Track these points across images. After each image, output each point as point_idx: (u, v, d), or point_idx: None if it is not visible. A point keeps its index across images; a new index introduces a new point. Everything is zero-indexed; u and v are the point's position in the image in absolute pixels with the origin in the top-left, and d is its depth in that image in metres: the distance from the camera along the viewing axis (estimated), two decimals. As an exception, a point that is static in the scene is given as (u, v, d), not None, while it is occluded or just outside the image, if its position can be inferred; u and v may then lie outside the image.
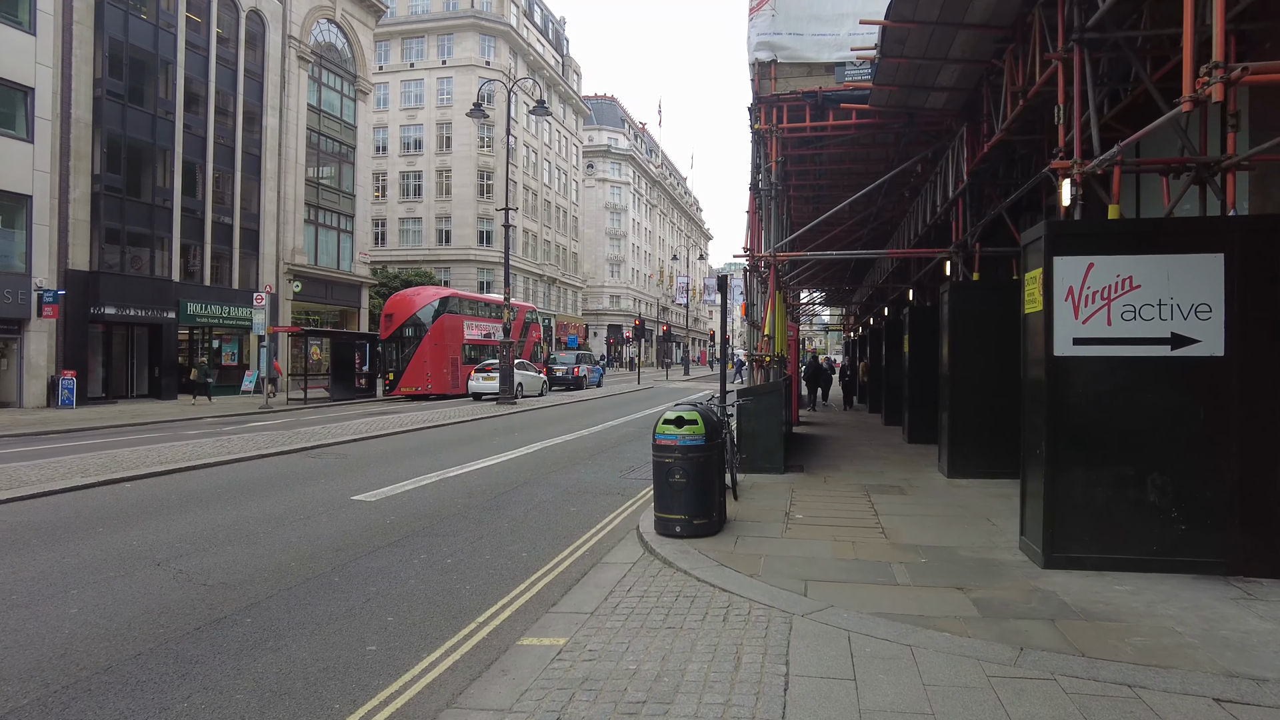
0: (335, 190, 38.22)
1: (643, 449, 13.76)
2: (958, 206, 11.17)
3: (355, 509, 8.43)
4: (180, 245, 28.90)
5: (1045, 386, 5.99)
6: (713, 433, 7.03)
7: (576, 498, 9.33)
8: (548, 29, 68.48)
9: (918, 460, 12.36)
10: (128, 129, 26.64)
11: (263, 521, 7.75)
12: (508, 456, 12.73)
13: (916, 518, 7.95)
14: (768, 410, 10.70)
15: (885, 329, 18.63)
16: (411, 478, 10.42)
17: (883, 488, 9.77)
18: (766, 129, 11.22)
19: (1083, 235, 5.99)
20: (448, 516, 8.10)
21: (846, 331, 45.77)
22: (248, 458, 11.86)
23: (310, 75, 36.06)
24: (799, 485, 9.89)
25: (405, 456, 12.58)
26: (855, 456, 12.80)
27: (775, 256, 11.22)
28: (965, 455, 10.52)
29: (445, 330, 30.06)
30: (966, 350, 10.44)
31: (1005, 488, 9.61)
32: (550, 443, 14.78)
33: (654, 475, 7.07)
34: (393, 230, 57.43)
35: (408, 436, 15.47)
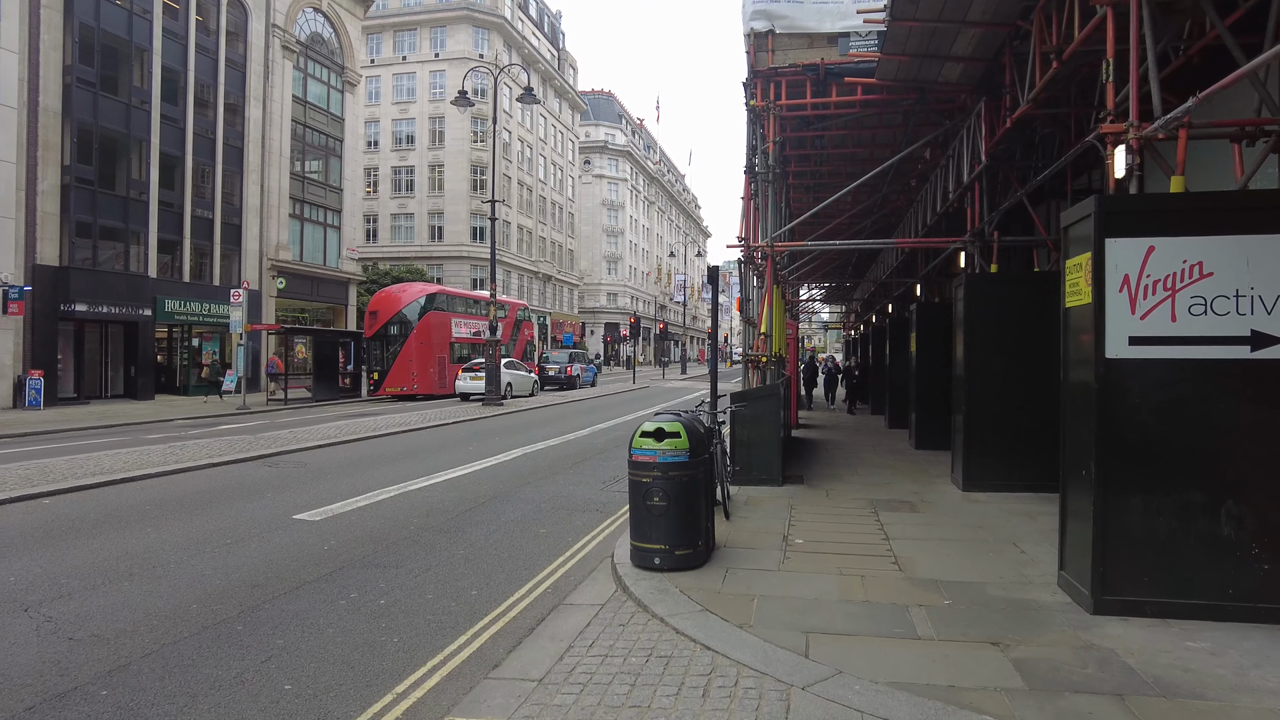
0: (322, 184, 37.17)
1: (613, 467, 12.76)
2: (973, 192, 10.15)
3: (293, 531, 7.40)
4: (157, 240, 27.85)
5: (1094, 395, 4.97)
6: (698, 447, 6.02)
7: (550, 515, 8.31)
8: (543, 22, 67.37)
9: (928, 470, 11.34)
10: (100, 118, 25.58)
11: (180, 548, 6.72)
12: (482, 465, 11.71)
13: (933, 542, 6.93)
14: (765, 416, 9.69)
15: (889, 327, 17.62)
16: (368, 492, 9.40)
17: (892, 503, 8.76)
18: (764, 106, 10.19)
19: (1141, 213, 4.96)
20: (396, 541, 7.08)
21: (847, 330, 44.75)
22: (195, 467, 10.84)
23: (295, 66, 35.00)
24: (799, 500, 8.87)
25: (370, 465, 11.56)
26: (859, 465, 11.79)
27: (773, 247, 10.20)
28: (982, 467, 9.51)
29: (432, 328, 29.02)
30: (984, 350, 9.42)
31: (1028, 504, 8.62)
32: (532, 448, 13.76)
33: (630, 497, 6.05)
34: (384, 226, 56.35)
35: (379, 442, 14.45)
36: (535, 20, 64.94)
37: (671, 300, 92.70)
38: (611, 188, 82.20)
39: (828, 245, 11.84)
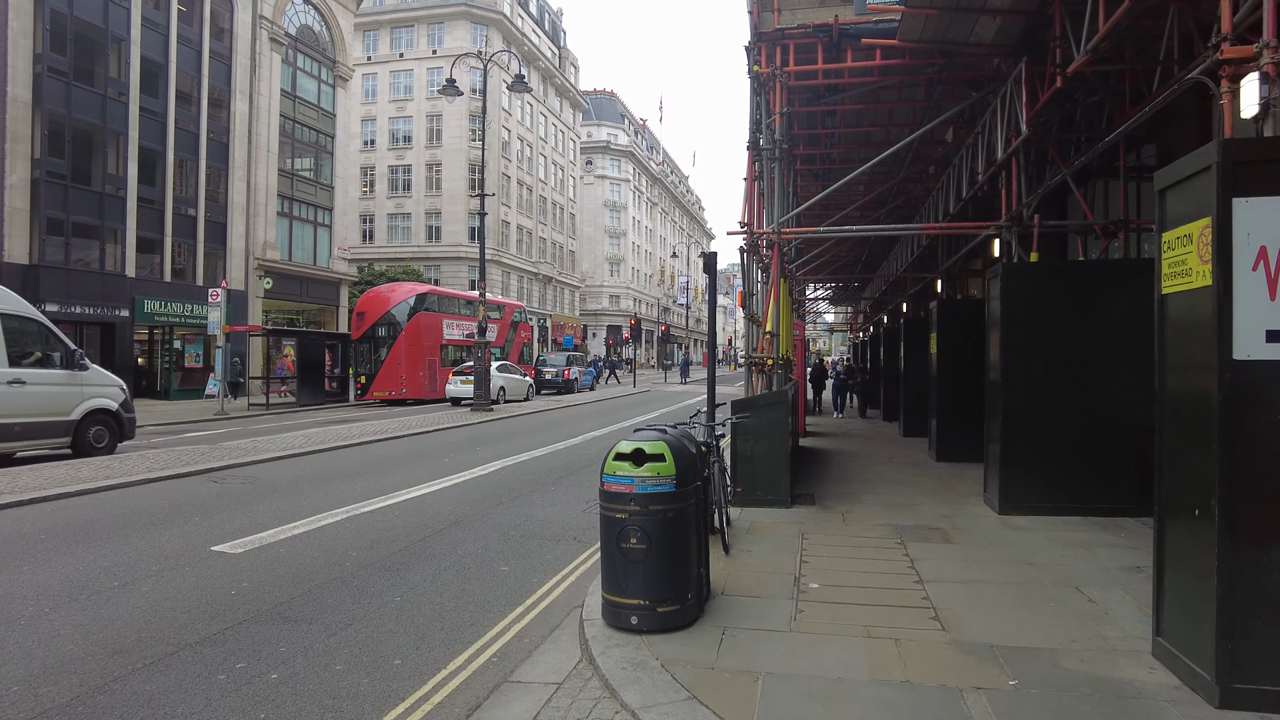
0: (312, 182, 36.05)
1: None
2: (1009, 171, 8.88)
3: (203, 568, 6.15)
4: (136, 238, 26.74)
5: (1216, 409, 3.68)
6: (688, 472, 4.75)
7: (517, 547, 7.04)
8: (544, 19, 66.27)
9: (954, 486, 10.06)
10: (73, 110, 24.45)
11: (49, 595, 5.47)
12: (454, 480, 10.45)
13: (977, 586, 5.65)
14: (771, 427, 8.42)
15: (904, 327, 16.32)
16: (314, 515, 8.14)
17: (920, 531, 7.47)
18: (769, 73, 8.93)
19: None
20: (323, 583, 5.81)
21: (854, 332, 43.39)
22: (126, 484, 9.60)
23: (284, 59, 33.90)
24: (811, 526, 7.60)
25: (327, 481, 10.31)
26: (877, 480, 10.50)
27: (779, 234, 8.93)
28: (1022, 485, 8.23)
29: (421, 329, 27.80)
30: (1024, 351, 8.15)
31: (1078, 531, 7.33)
32: (514, 460, 12.50)
33: (601, 536, 4.79)
34: (381, 226, 55.24)
35: (347, 453, 13.20)
36: (535, 17, 63.82)
37: (674, 303, 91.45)
38: (614, 188, 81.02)
39: (841, 232, 10.56)
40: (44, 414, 11.56)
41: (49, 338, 12.08)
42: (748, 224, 9.33)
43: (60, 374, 11.91)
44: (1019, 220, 8.65)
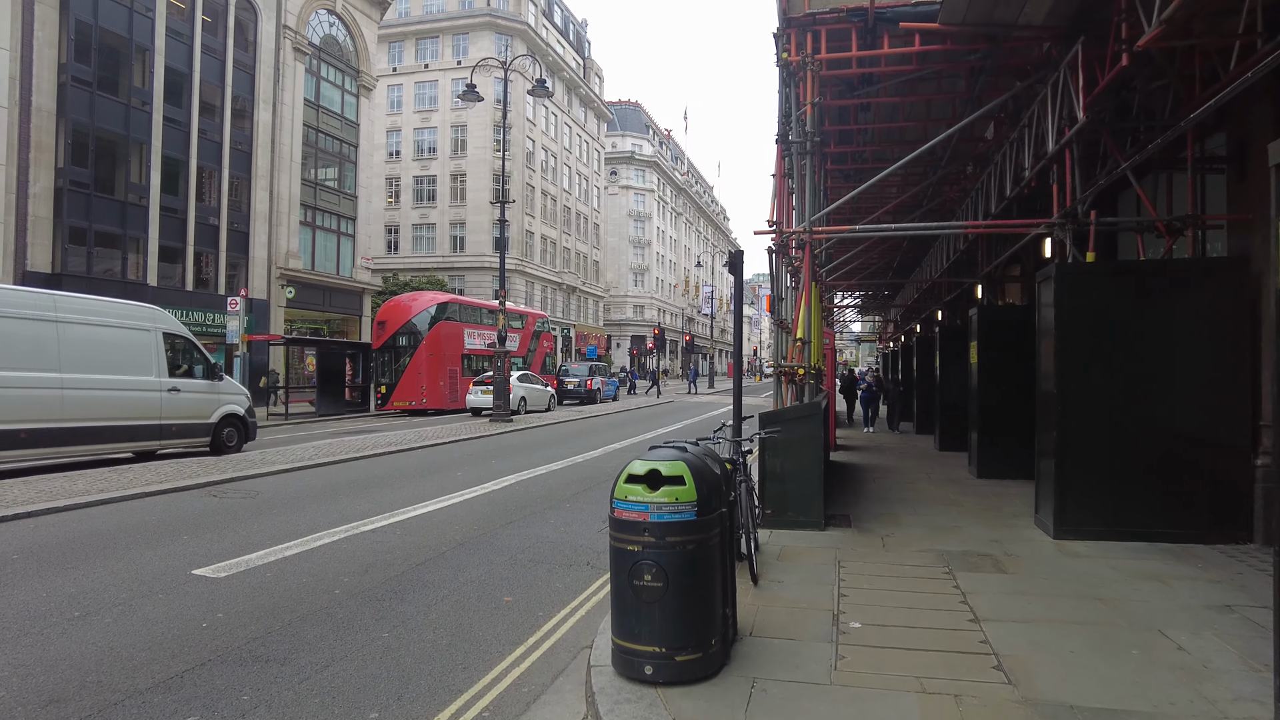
0: (335, 191, 35.98)
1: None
2: (1063, 163, 8.15)
3: (178, 595, 5.61)
4: (159, 247, 26.69)
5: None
6: (711, 496, 4.11)
7: (524, 573, 6.44)
8: (568, 30, 66.27)
9: (1000, 507, 9.29)
10: (97, 119, 24.47)
11: (8, 625, 4.96)
12: (464, 496, 9.89)
13: (1043, 627, 4.94)
14: (803, 442, 7.75)
15: (940, 336, 15.54)
16: (311, 534, 7.61)
17: (969, 558, 6.75)
18: (799, 61, 8.30)
19: None
20: (305, 615, 5.25)
21: (884, 342, 42.39)
22: (122, 498, 9.16)
23: (308, 69, 33.92)
24: (848, 552, 6.91)
25: (332, 496, 9.80)
26: (916, 500, 9.76)
27: (810, 233, 8.27)
28: (1080, 507, 7.47)
29: (442, 339, 27.42)
30: (1083, 360, 7.42)
31: (1147, 560, 6.57)
32: (530, 474, 11.92)
33: (611, 572, 4.16)
34: (405, 237, 55.30)
35: (358, 465, 12.72)
36: (560, 28, 63.83)
37: (699, 313, 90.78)
38: (638, 198, 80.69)
39: (877, 231, 9.85)
40: (193, 417, 13.67)
41: (195, 353, 14.09)
42: (776, 222, 8.66)
43: (203, 383, 13.98)
44: (1074, 217, 7.91)
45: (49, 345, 11.38)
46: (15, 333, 10.98)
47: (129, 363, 12.57)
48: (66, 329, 11.69)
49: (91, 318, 12.20)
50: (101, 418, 12.02)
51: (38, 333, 11.28)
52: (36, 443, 11.17)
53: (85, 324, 12.04)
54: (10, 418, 10.72)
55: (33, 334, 11.22)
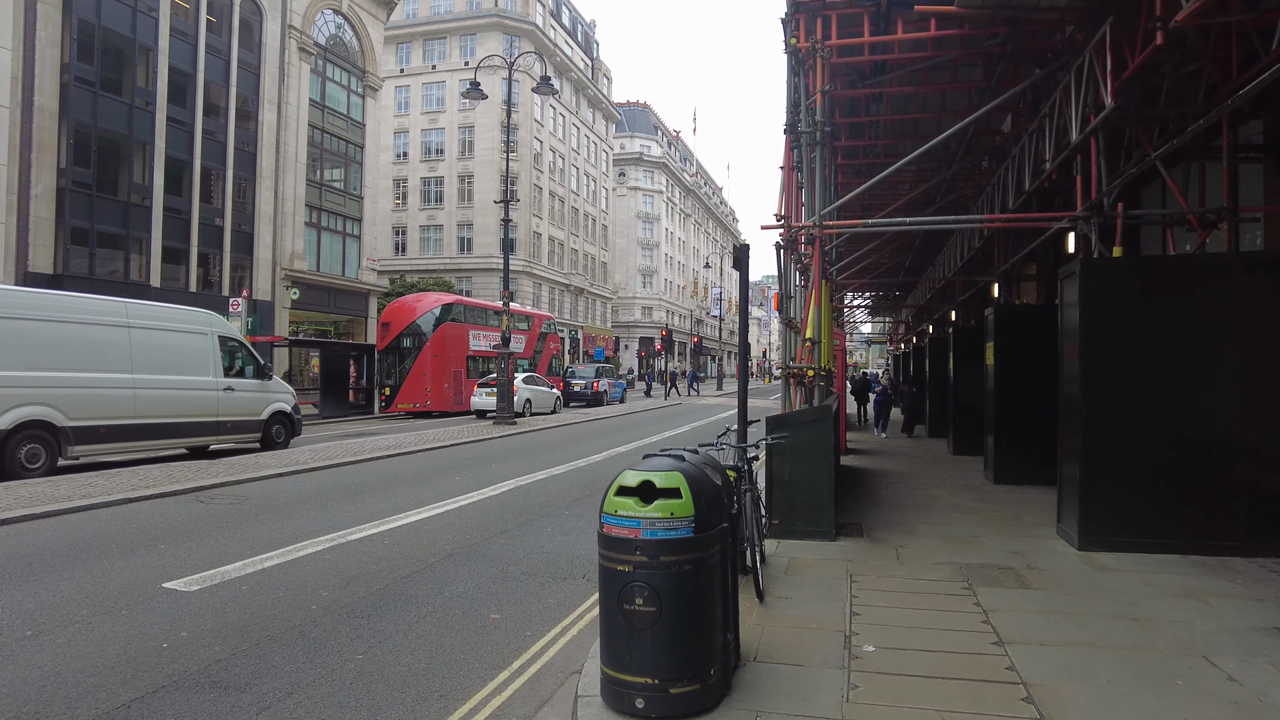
0: (341, 192, 35.76)
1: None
2: (1087, 153, 7.72)
3: (142, 612, 5.26)
4: (162, 248, 26.50)
5: None
6: (711, 510, 3.73)
7: (515, 587, 6.06)
8: (576, 31, 66.03)
9: (1020, 515, 8.86)
10: (100, 119, 24.30)
11: (-44, 645, 4.62)
12: (460, 502, 9.52)
13: (1074, 652, 4.52)
14: (812, 448, 7.35)
15: (954, 337, 15.10)
16: (295, 543, 7.26)
17: (989, 571, 6.33)
18: (808, 48, 7.91)
19: None
20: (276, 634, 4.88)
21: (895, 344, 41.87)
22: (105, 504, 8.83)
23: (313, 69, 33.72)
24: (860, 564, 6.50)
25: (323, 502, 9.46)
26: (930, 506, 9.34)
27: (821, 228, 7.87)
28: (1106, 516, 7.04)
29: (447, 340, 27.12)
30: (1109, 359, 6.99)
31: (1181, 574, 6.15)
32: (530, 479, 11.55)
33: (600, 594, 3.79)
34: (413, 238, 55.14)
35: (353, 470, 12.38)
36: (568, 29, 63.59)
37: (708, 315, 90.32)
38: (646, 200, 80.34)
39: (890, 225, 9.40)
40: (246, 414, 14.56)
41: (246, 354, 14.98)
42: (785, 217, 8.24)
43: (254, 383, 14.84)
44: (1099, 210, 7.48)
45: (122, 349, 12.29)
46: (95, 338, 11.93)
47: (189, 364, 13.46)
48: (136, 334, 12.55)
49: (157, 323, 13.09)
50: (167, 415, 12.93)
51: (113, 338, 12.19)
52: (113, 438, 12.07)
53: (152, 329, 12.91)
54: (93, 415, 11.70)
55: (109, 339, 12.13)
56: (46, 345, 11.25)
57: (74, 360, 11.59)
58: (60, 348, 11.42)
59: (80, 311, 11.92)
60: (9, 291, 12.34)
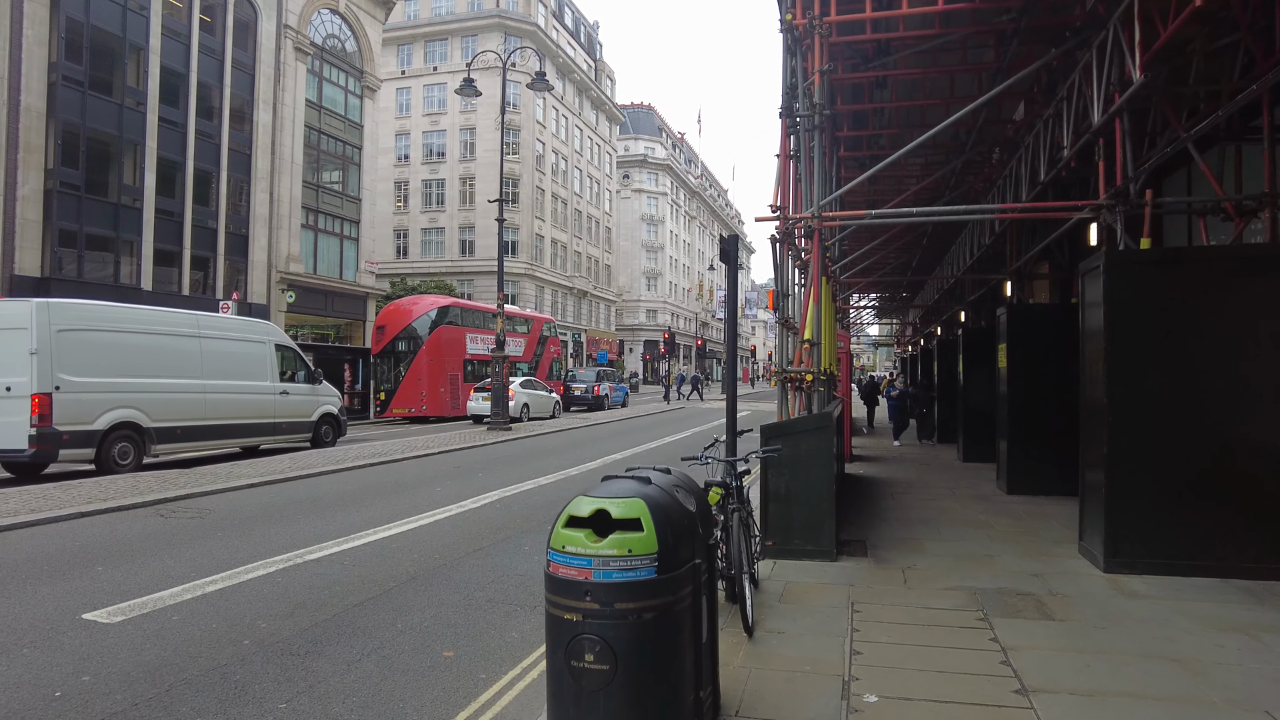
0: (338, 194, 35.28)
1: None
2: (1111, 136, 7.08)
3: (47, 650, 4.66)
4: (154, 250, 26.03)
5: None
6: (679, 544, 3.10)
7: (478, 617, 5.44)
8: (579, 32, 65.55)
9: (1037, 530, 8.21)
10: (89, 120, 23.84)
11: None
12: (436, 516, 8.92)
13: (1112, 704, 3.87)
14: (812, 459, 6.72)
15: (964, 338, 14.43)
16: (244, 564, 6.66)
17: (1006, 598, 5.68)
18: (804, 25, 7.29)
19: None
20: (194, 676, 4.28)
21: (902, 346, 41.14)
22: (55, 519, 8.26)
23: (310, 69, 33.27)
24: (863, 591, 5.86)
25: (290, 515, 8.86)
26: (941, 521, 8.68)
27: (820, 219, 7.24)
28: (1135, 534, 6.39)
29: (443, 344, 26.55)
30: (1138, 361, 6.34)
31: (1224, 603, 5.49)
32: (516, 489, 10.95)
33: (547, 647, 3.16)
34: (414, 241, 54.68)
35: (332, 479, 11.79)
36: (571, 30, 63.12)
37: (713, 318, 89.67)
38: (651, 202, 79.78)
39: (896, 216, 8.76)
40: (298, 416, 15.85)
41: (298, 360, 16.19)
42: (780, 208, 7.58)
43: (306, 387, 16.10)
44: (1125, 198, 6.83)
45: (195, 357, 13.57)
46: (172, 347, 13.20)
47: (250, 370, 14.70)
48: (206, 343, 13.85)
49: (223, 332, 14.45)
50: (233, 416, 14.17)
51: (187, 347, 13.47)
52: (188, 438, 13.35)
53: (219, 338, 14.21)
54: (171, 417, 12.93)
55: (183, 348, 13.41)
56: (133, 354, 12.49)
57: (155, 367, 12.79)
58: (144, 356, 12.65)
59: (160, 323, 13.28)
60: (104, 307, 13.19)
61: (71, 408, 11.40)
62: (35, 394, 11.03)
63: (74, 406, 11.43)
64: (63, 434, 11.30)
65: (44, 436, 11.09)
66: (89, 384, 11.67)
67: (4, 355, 11.20)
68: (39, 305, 11.48)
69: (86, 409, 11.61)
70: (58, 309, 11.71)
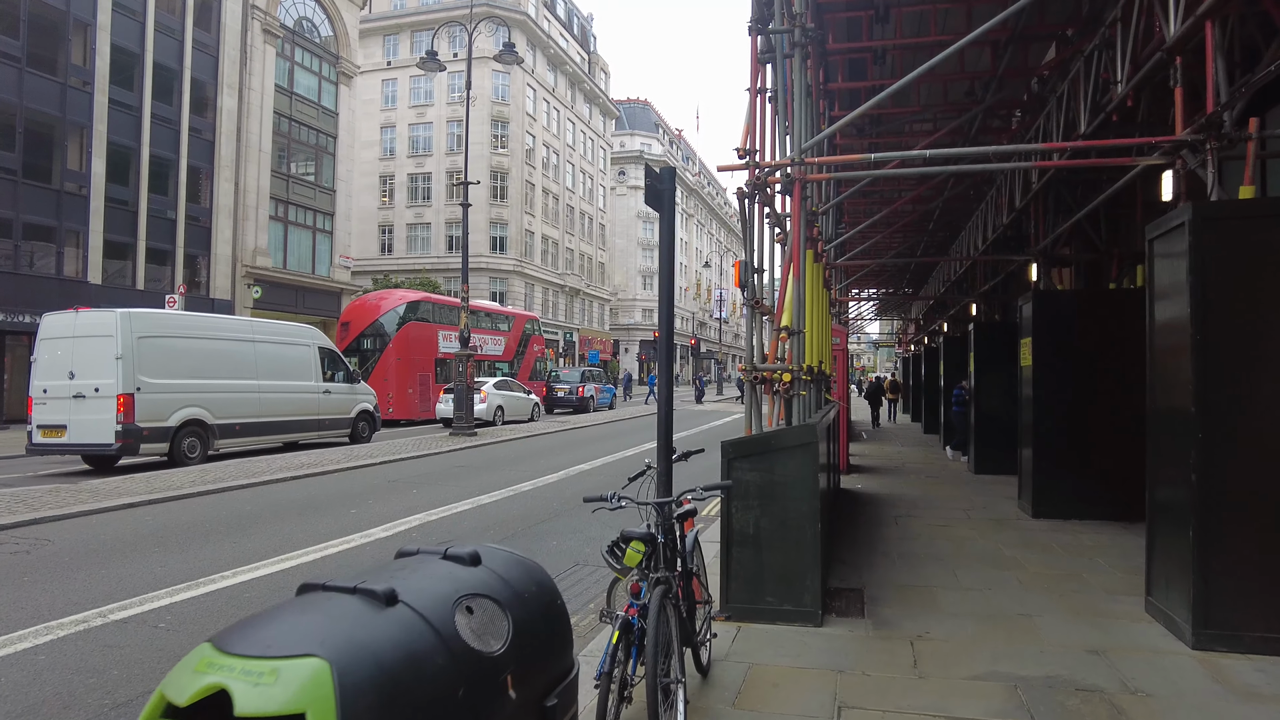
0: (311, 185, 33.52)
1: (595, 526, 8.07)
2: (1197, 53, 5.28)
3: None
4: (103, 241, 24.29)
5: None
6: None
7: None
8: (572, 23, 63.79)
9: (1079, 571, 6.42)
10: (26, 99, 22.10)
11: None
12: (324, 552, 7.14)
13: None
14: (791, 487, 4.94)
15: (976, 334, 12.66)
16: (22, 628, 4.88)
17: (1062, 697, 3.90)
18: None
19: None
20: None
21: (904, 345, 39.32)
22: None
23: (280, 53, 31.52)
24: (856, 680, 4.07)
25: (145, 548, 7.10)
26: (956, 558, 6.89)
27: (802, 165, 5.45)
28: (1243, 595, 4.62)
29: (412, 341, 24.76)
30: (1243, 355, 4.57)
31: None
32: (449, 510, 9.18)
33: None
34: (400, 237, 52.90)
35: (235, 498, 10.01)
36: (563, 21, 61.35)
37: (711, 317, 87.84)
38: (647, 199, 77.87)
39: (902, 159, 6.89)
40: (339, 413, 17.01)
41: (338, 361, 17.40)
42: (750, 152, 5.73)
43: (345, 386, 17.28)
44: (1217, 129, 5.04)
45: (250, 359, 14.66)
46: (232, 351, 14.36)
47: (298, 371, 15.79)
48: (260, 347, 14.96)
49: (274, 337, 15.60)
50: (283, 414, 15.27)
51: (243, 350, 14.59)
52: (245, 434, 14.53)
53: (270, 342, 15.31)
54: (232, 414, 14.07)
55: (241, 351, 14.54)
56: (199, 358, 13.61)
57: (217, 369, 13.85)
58: (208, 360, 13.75)
59: (220, 329, 14.59)
60: (176, 315, 14.72)
61: (150, 407, 12.47)
62: (120, 394, 12.08)
63: (152, 405, 12.50)
64: (143, 430, 12.37)
65: (128, 432, 12.14)
66: (164, 385, 12.73)
67: (92, 360, 12.23)
68: (123, 315, 12.48)
69: (162, 408, 12.70)
70: (138, 318, 12.78)
